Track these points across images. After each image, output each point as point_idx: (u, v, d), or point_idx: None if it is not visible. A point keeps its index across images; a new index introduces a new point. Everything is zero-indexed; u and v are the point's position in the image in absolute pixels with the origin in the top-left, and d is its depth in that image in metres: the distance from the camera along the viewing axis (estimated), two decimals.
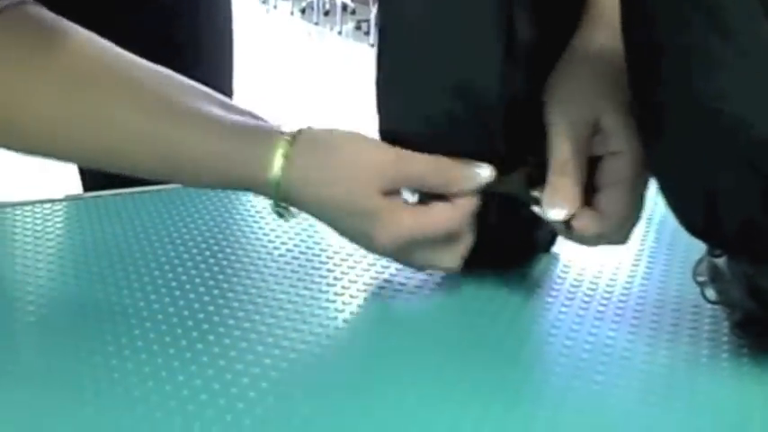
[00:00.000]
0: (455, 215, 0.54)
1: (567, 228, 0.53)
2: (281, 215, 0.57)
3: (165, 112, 0.55)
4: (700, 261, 0.53)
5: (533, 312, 0.56)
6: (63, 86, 0.54)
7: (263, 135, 0.55)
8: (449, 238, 0.54)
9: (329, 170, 0.54)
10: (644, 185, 0.53)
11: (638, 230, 0.67)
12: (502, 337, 0.53)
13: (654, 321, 0.54)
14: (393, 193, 0.54)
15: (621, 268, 0.61)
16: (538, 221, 0.58)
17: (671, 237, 0.66)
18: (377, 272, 0.60)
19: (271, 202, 0.56)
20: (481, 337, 0.52)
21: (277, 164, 0.54)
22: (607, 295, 0.57)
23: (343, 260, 0.62)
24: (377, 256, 0.60)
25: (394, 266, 0.60)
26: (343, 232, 0.56)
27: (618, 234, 0.54)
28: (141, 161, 0.56)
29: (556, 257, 0.63)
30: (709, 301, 0.53)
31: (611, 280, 0.59)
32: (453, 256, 0.55)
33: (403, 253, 0.55)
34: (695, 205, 0.49)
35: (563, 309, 0.56)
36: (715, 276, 0.52)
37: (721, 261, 0.52)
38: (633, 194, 0.53)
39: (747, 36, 0.43)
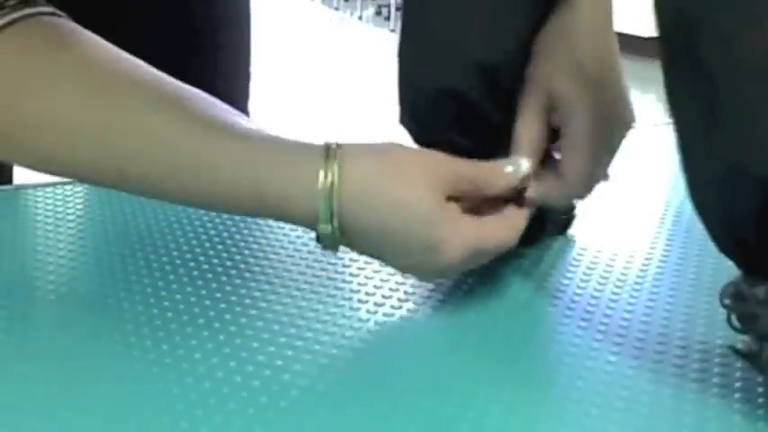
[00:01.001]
0: (510, 232, 0.52)
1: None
2: (326, 245, 0.50)
3: (193, 119, 0.50)
4: (727, 286, 0.47)
5: (547, 297, 0.56)
6: (84, 95, 0.50)
7: (301, 146, 0.50)
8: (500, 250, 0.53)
9: (384, 173, 0.48)
10: (602, 148, 0.55)
11: (655, 215, 0.67)
12: (515, 322, 0.53)
13: (667, 310, 0.54)
14: (452, 199, 0.50)
15: (636, 254, 0.61)
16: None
17: (687, 222, 0.66)
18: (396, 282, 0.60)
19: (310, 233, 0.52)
20: (494, 323, 0.53)
21: (324, 173, 0.48)
22: (620, 283, 0.57)
23: (361, 269, 0.60)
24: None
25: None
26: (401, 254, 0.50)
27: (581, 192, 0.56)
28: (163, 173, 0.50)
29: (572, 240, 0.63)
30: (737, 330, 0.47)
31: (627, 264, 0.59)
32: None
33: (466, 264, 0.51)
34: (744, 219, 0.42)
35: (578, 291, 0.56)
36: (745, 305, 0.46)
37: (751, 289, 0.45)
38: (590, 155, 0.54)
39: None
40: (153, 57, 0.53)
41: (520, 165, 0.53)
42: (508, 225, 0.52)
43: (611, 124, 0.55)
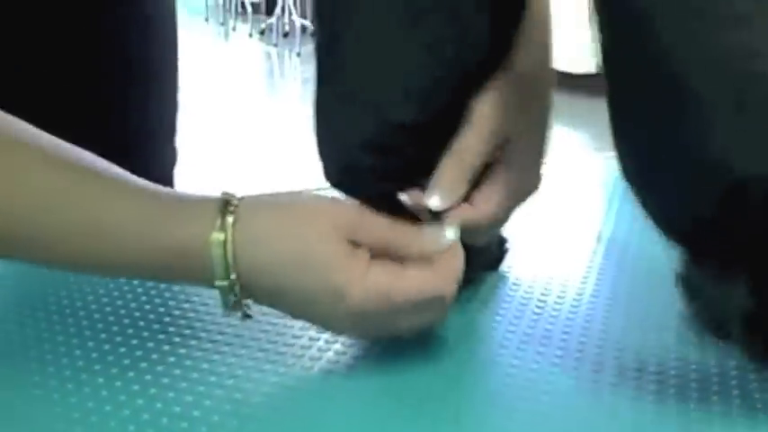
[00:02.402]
0: (439, 281, 0.48)
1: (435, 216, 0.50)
2: (228, 304, 0.48)
3: (85, 174, 0.48)
4: (677, 279, 0.50)
5: (480, 333, 0.54)
6: None
7: (199, 199, 0.49)
8: (435, 303, 0.49)
9: (281, 224, 0.47)
10: (522, 201, 0.53)
11: (588, 247, 0.67)
12: (447, 357, 0.51)
13: (601, 338, 0.53)
14: (359, 246, 0.47)
15: (569, 286, 0.60)
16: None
17: (619, 254, 0.66)
18: None
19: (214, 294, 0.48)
20: (423, 364, 0.51)
21: (220, 227, 0.46)
22: (555, 313, 0.56)
23: None
24: None
25: None
26: (306, 305, 0.48)
27: (492, 227, 0.54)
28: (55, 235, 0.47)
29: (504, 276, 0.62)
30: (704, 324, 0.49)
31: (560, 298, 0.59)
32: (439, 314, 0.50)
33: (380, 317, 0.47)
34: (707, 193, 0.42)
35: (510, 328, 0.55)
36: (700, 290, 0.49)
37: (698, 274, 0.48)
38: (512, 203, 0.52)
39: None
40: (89, 84, 0.51)
41: (444, 234, 0.49)
42: (438, 274, 0.48)
43: (530, 176, 0.54)
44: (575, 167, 0.87)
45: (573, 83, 3.43)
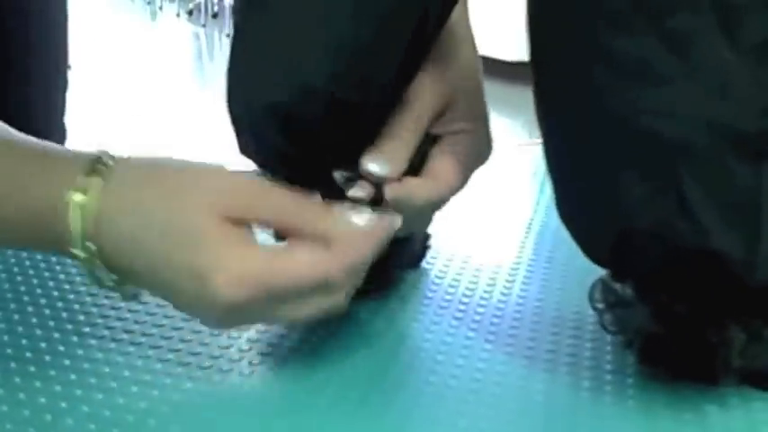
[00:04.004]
0: (331, 265, 0.41)
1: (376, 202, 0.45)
2: (92, 279, 0.42)
3: None
4: (594, 285, 0.48)
5: (399, 333, 0.50)
6: None
7: (68, 155, 0.43)
8: (323, 289, 0.42)
9: (152, 193, 0.41)
10: (477, 167, 0.50)
11: (517, 238, 0.63)
12: (365, 358, 0.47)
13: (530, 340, 0.50)
14: (240, 224, 0.41)
15: (497, 282, 0.56)
16: (401, 237, 0.53)
17: (550, 246, 0.62)
18: None
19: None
20: (340, 367, 0.47)
21: (82, 189, 0.40)
22: (479, 316, 0.52)
23: None
24: None
25: None
26: (169, 289, 0.41)
27: (437, 204, 0.48)
28: None
29: (426, 272, 0.58)
30: (608, 331, 0.48)
31: (486, 293, 0.55)
32: (333, 302, 0.43)
33: (256, 305, 0.41)
34: (604, 236, 0.43)
35: (432, 328, 0.50)
36: (615, 302, 0.47)
37: (619, 285, 0.47)
38: (465, 169, 0.48)
39: (701, 52, 0.38)
40: None
41: (352, 214, 0.43)
42: (332, 257, 0.41)
43: (482, 152, 0.50)
44: (504, 156, 0.84)
45: (505, 70, 3.43)
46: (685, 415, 0.43)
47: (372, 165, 0.45)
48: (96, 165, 0.41)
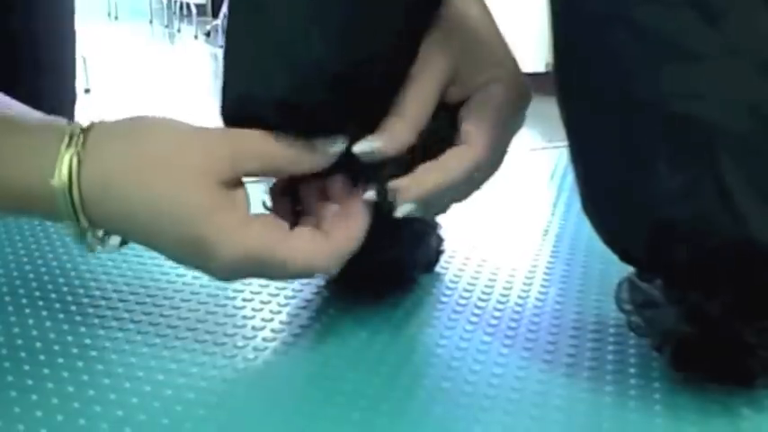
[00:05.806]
0: (323, 250, 0.43)
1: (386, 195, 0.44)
2: (84, 241, 0.42)
3: None
4: (621, 285, 0.45)
5: (412, 337, 0.48)
6: None
7: (45, 129, 0.42)
8: (309, 272, 0.44)
9: (139, 159, 0.40)
10: (515, 119, 0.47)
11: (534, 243, 0.61)
12: (377, 364, 0.45)
13: (546, 360, 0.47)
14: (231, 186, 0.41)
15: (514, 285, 0.54)
16: (416, 240, 0.51)
17: (567, 250, 0.60)
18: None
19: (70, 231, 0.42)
20: (354, 367, 0.45)
21: (66, 162, 0.39)
22: (495, 320, 0.50)
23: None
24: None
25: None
26: (169, 248, 0.42)
27: (491, 165, 0.46)
28: None
29: (440, 276, 0.55)
30: (637, 333, 0.45)
31: (502, 299, 0.52)
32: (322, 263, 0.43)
33: (254, 269, 0.42)
34: (637, 230, 0.40)
35: (446, 333, 0.48)
36: (643, 302, 0.44)
37: (647, 285, 0.44)
38: (501, 123, 0.45)
39: (739, 25, 0.35)
40: None
41: (332, 143, 0.43)
42: (327, 241, 0.43)
43: (516, 95, 0.47)
44: (521, 160, 0.82)
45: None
46: (716, 420, 0.41)
47: (360, 145, 0.43)
48: (72, 136, 0.40)
